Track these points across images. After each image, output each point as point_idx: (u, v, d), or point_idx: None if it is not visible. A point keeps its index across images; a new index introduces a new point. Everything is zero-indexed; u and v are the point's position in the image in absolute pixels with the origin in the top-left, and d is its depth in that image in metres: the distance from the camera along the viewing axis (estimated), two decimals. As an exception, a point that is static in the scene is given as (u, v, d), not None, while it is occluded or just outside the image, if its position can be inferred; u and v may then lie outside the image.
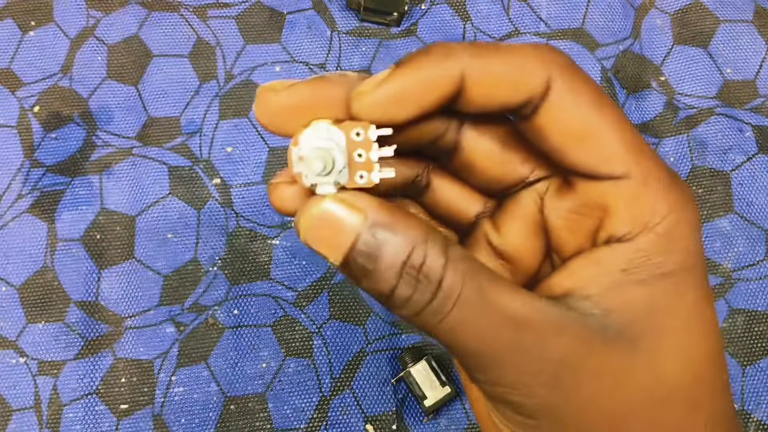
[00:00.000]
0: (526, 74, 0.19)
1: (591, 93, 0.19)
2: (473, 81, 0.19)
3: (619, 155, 0.19)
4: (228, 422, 0.46)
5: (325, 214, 0.18)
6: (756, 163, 0.51)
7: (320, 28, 0.54)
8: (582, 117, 0.19)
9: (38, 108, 0.51)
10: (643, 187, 0.19)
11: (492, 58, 0.19)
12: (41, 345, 0.47)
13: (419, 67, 0.18)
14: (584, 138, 0.19)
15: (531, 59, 0.19)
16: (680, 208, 0.19)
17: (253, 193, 0.50)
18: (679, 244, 0.19)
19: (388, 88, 0.18)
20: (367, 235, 0.18)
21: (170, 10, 0.54)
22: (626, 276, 0.19)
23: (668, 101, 0.52)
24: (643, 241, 0.19)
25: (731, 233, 0.49)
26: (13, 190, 0.49)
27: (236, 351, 0.47)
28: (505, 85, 0.19)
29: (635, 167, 0.19)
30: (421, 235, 0.18)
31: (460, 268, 0.18)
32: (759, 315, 0.48)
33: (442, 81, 0.18)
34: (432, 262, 0.18)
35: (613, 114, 0.19)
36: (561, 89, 0.19)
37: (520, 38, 0.54)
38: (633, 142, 0.19)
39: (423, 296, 0.18)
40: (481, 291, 0.18)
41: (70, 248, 0.48)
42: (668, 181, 0.19)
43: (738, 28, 0.54)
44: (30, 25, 0.53)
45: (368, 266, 0.18)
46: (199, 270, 0.48)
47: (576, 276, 0.19)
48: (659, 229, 0.19)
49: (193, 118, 0.52)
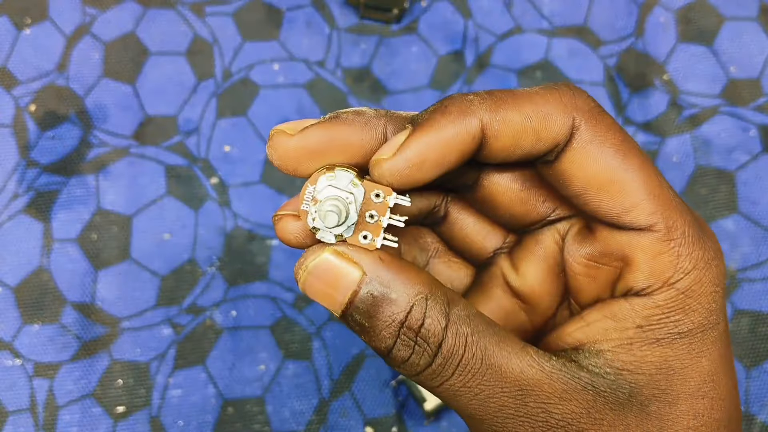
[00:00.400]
0: (548, 123, 0.18)
1: (615, 139, 0.18)
2: (493, 135, 0.18)
3: (643, 206, 0.18)
4: (226, 425, 0.45)
5: (323, 264, 0.18)
6: (761, 163, 0.50)
7: (319, 25, 0.53)
8: (606, 165, 0.18)
9: (34, 107, 0.51)
10: (666, 241, 0.18)
11: (511, 110, 0.18)
12: (37, 346, 0.46)
13: (437, 128, 0.18)
14: (607, 186, 0.18)
15: (552, 106, 0.18)
16: (705, 265, 0.18)
17: (252, 192, 0.49)
18: (700, 302, 0.18)
19: (407, 153, 0.18)
20: (364, 292, 0.18)
21: (167, 7, 0.53)
22: (641, 333, 0.18)
23: (672, 100, 0.52)
24: (662, 297, 0.18)
25: (736, 233, 0.49)
26: (8, 189, 0.49)
27: (234, 353, 0.46)
28: (526, 136, 0.18)
29: (660, 219, 0.18)
30: (422, 293, 0.18)
31: (463, 331, 0.17)
32: (764, 316, 0.47)
33: (462, 139, 0.18)
34: (431, 324, 0.17)
35: (638, 161, 0.18)
36: (584, 136, 0.18)
37: (523, 35, 0.53)
38: (659, 192, 0.18)
39: (421, 359, 0.18)
40: (486, 355, 0.17)
41: (66, 248, 0.48)
42: (694, 236, 0.18)
43: (743, 26, 0.54)
44: (25, 22, 0.53)
45: (365, 323, 0.18)
46: (197, 271, 0.48)
47: (590, 328, 0.19)
48: (680, 285, 0.18)
49: (191, 116, 0.51)
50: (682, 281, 0.18)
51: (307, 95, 0.51)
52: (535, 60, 0.53)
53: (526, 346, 0.18)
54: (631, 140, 0.18)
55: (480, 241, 0.23)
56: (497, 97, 0.18)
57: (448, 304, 0.18)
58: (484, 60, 0.53)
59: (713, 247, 0.18)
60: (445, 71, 0.52)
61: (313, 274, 0.18)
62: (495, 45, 0.53)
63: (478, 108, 0.18)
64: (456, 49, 0.53)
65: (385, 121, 0.19)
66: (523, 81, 0.52)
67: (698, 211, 0.49)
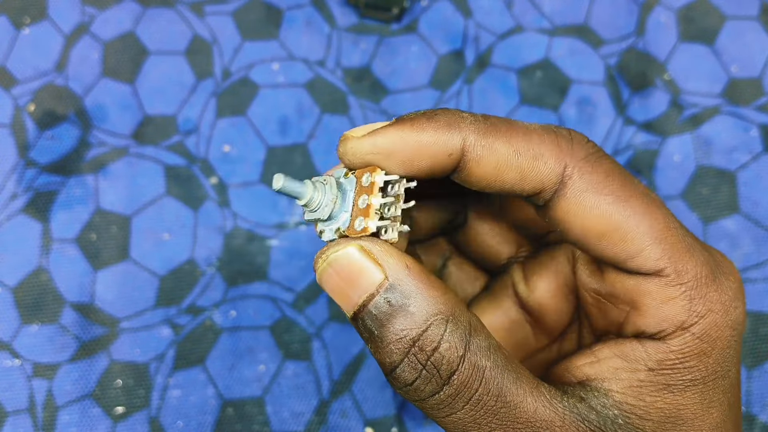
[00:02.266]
0: (537, 164, 0.17)
1: (614, 185, 0.17)
2: (475, 160, 0.17)
3: (648, 251, 0.17)
4: (225, 426, 0.45)
5: (345, 258, 0.17)
6: (762, 163, 0.50)
7: (319, 25, 0.53)
8: (604, 213, 0.17)
9: (33, 106, 0.51)
10: (676, 286, 0.17)
11: (500, 140, 0.17)
12: (36, 347, 0.46)
13: (417, 129, 0.17)
14: (608, 235, 0.17)
15: (546, 149, 0.17)
16: (721, 308, 0.17)
17: (251, 193, 0.49)
18: (716, 346, 0.17)
19: (378, 140, 0.17)
20: (381, 298, 0.16)
21: (166, 6, 0.53)
22: (653, 377, 0.17)
23: (673, 99, 0.52)
24: (677, 342, 0.17)
25: (737, 234, 0.49)
26: (7, 189, 0.49)
27: (234, 353, 0.46)
28: (510, 171, 0.17)
29: (668, 264, 0.17)
30: (443, 313, 0.16)
31: (482, 364, 0.16)
32: (765, 317, 0.47)
33: (437, 150, 0.17)
34: (447, 350, 0.16)
35: (641, 206, 0.17)
36: (578, 185, 0.17)
37: (523, 34, 0.53)
38: (665, 236, 0.17)
39: (427, 386, 0.16)
40: (503, 393, 0.16)
41: (65, 249, 0.48)
42: (708, 277, 0.17)
43: (744, 25, 0.53)
44: (24, 21, 0.52)
45: (374, 331, 0.17)
46: (196, 271, 0.48)
47: (600, 365, 0.18)
48: (696, 330, 0.17)
49: (190, 116, 0.51)
50: (697, 325, 0.17)
51: (306, 95, 0.51)
52: (536, 59, 0.52)
53: (539, 384, 0.17)
54: (633, 183, 0.18)
55: (495, 247, 0.23)
56: (491, 123, 0.17)
57: (470, 331, 0.17)
58: (484, 59, 0.52)
59: (732, 287, 0.17)
60: (446, 71, 0.52)
61: (332, 267, 0.17)
62: (495, 44, 0.53)
63: (466, 127, 0.17)
64: (456, 48, 0.53)
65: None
66: (523, 80, 0.52)
67: (698, 211, 0.49)
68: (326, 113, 0.51)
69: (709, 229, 0.49)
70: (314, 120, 0.51)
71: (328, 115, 0.51)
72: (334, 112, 0.51)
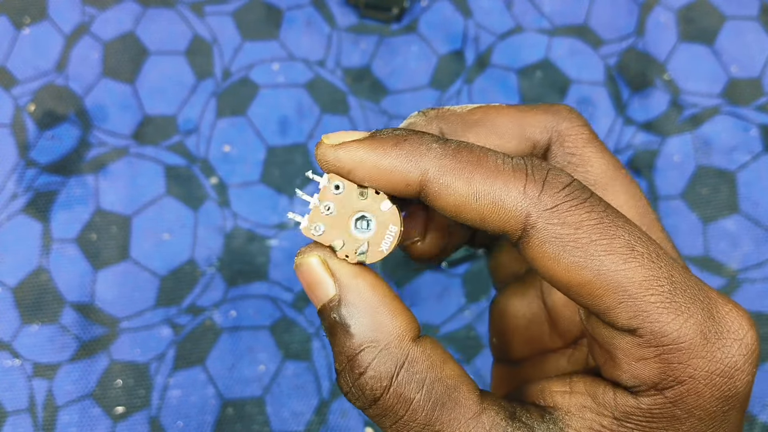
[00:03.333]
0: (497, 209, 0.16)
1: (588, 239, 0.16)
2: (435, 194, 0.17)
3: (619, 309, 0.15)
4: (225, 426, 0.45)
5: (306, 266, 0.18)
6: (762, 163, 0.50)
7: (319, 25, 0.53)
8: (570, 268, 0.16)
9: (33, 106, 0.51)
10: (650, 348, 0.15)
11: (460, 179, 0.16)
12: (36, 347, 0.46)
13: (380, 152, 0.17)
14: (575, 288, 0.16)
15: (509, 194, 0.16)
16: (708, 378, 0.15)
17: (251, 192, 0.49)
18: (693, 415, 0.16)
19: (341, 154, 0.17)
20: (330, 311, 0.17)
21: (166, 6, 0.53)
22: (616, 426, 0.16)
23: (673, 99, 0.52)
24: (647, 401, 0.16)
25: (737, 234, 0.49)
26: (7, 189, 0.49)
27: (234, 353, 0.46)
28: (468, 211, 0.16)
29: (643, 323, 0.15)
30: (378, 341, 0.16)
31: (409, 396, 0.16)
32: (765, 317, 0.47)
33: (395, 177, 0.17)
34: (371, 378, 0.16)
35: (619, 260, 0.15)
36: (541, 235, 0.16)
37: (523, 35, 0.53)
38: (645, 293, 0.15)
39: (356, 401, 0.17)
40: (430, 423, 0.16)
41: (65, 249, 0.48)
42: (696, 342, 0.15)
43: (743, 25, 0.53)
44: (24, 21, 0.52)
45: (327, 335, 0.18)
46: (196, 271, 0.48)
47: (570, 398, 0.17)
48: (669, 394, 0.16)
49: (190, 116, 0.51)
50: (671, 390, 0.16)
51: (306, 95, 0.51)
52: (536, 59, 0.53)
53: (482, 413, 0.17)
54: (616, 234, 0.16)
55: None
56: (458, 157, 0.17)
57: (403, 363, 0.16)
58: (484, 59, 0.52)
59: (732, 353, 0.15)
60: (445, 71, 0.52)
61: (299, 269, 0.18)
62: (495, 44, 0.53)
63: (429, 160, 0.17)
64: (456, 48, 0.53)
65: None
66: (523, 80, 0.52)
67: (698, 211, 0.49)
68: (326, 113, 0.51)
69: (709, 229, 0.49)
70: (314, 120, 0.51)
71: (328, 115, 0.51)
72: (334, 112, 0.51)
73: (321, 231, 0.18)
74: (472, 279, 0.48)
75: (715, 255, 0.48)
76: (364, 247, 0.18)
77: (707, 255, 0.48)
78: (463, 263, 0.48)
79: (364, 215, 0.18)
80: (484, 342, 0.47)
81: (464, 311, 0.47)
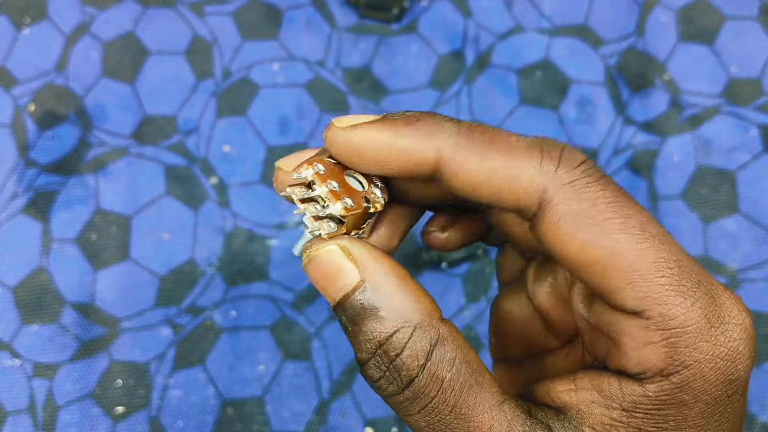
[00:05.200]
0: (513, 186, 0.16)
1: (602, 217, 0.16)
2: (451, 172, 0.17)
3: (629, 290, 0.16)
4: (225, 426, 0.45)
5: (326, 256, 0.17)
6: (762, 163, 0.50)
7: (319, 25, 0.53)
8: (583, 245, 0.16)
9: (33, 106, 0.51)
10: (658, 331, 0.15)
11: (475, 157, 0.16)
12: (36, 347, 0.46)
13: (393, 133, 0.17)
14: (586, 266, 0.16)
15: (525, 170, 0.16)
16: (713, 361, 0.15)
17: (251, 192, 0.49)
18: (701, 400, 0.16)
19: (352, 136, 0.17)
20: (354, 298, 0.17)
21: (166, 6, 0.53)
22: (626, 418, 0.16)
23: (673, 99, 0.52)
24: (654, 387, 0.16)
25: (737, 233, 0.49)
26: (8, 189, 0.49)
27: (234, 353, 0.46)
28: (483, 189, 0.16)
29: (651, 305, 0.15)
30: (411, 321, 0.16)
31: (442, 375, 0.16)
32: (765, 316, 0.47)
33: (408, 158, 0.17)
34: (408, 358, 0.16)
35: (632, 240, 0.15)
36: (558, 212, 0.16)
37: (523, 34, 0.53)
38: (655, 275, 0.15)
39: (389, 387, 0.17)
40: (458, 405, 0.16)
41: (65, 249, 0.48)
42: (701, 326, 0.15)
43: (743, 25, 0.53)
44: (24, 21, 0.52)
45: (348, 327, 0.17)
46: (196, 271, 0.48)
47: (577, 395, 0.17)
48: (676, 379, 0.15)
49: (190, 116, 0.51)
50: (678, 375, 0.15)
51: (306, 95, 0.51)
52: (536, 59, 0.53)
53: (504, 402, 0.17)
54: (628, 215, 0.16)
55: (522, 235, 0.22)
56: (472, 136, 0.17)
57: (436, 341, 0.17)
58: (484, 59, 0.52)
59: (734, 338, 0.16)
60: (445, 71, 0.52)
61: (313, 262, 0.18)
62: (495, 44, 0.53)
63: (444, 140, 0.17)
64: (456, 48, 0.53)
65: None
66: (523, 80, 0.52)
67: (698, 211, 0.49)
68: (326, 113, 0.51)
69: (709, 229, 0.49)
70: (314, 120, 0.51)
71: (328, 115, 0.51)
72: (334, 112, 0.51)
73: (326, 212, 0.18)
74: (472, 279, 0.48)
75: (715, 255, 0.48)
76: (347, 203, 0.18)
77: (707, 255, 0.48)
78: (463, 263, 0.48)
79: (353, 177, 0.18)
80: (484, 342, 0.47)
81: (464, 311, 0.47)
